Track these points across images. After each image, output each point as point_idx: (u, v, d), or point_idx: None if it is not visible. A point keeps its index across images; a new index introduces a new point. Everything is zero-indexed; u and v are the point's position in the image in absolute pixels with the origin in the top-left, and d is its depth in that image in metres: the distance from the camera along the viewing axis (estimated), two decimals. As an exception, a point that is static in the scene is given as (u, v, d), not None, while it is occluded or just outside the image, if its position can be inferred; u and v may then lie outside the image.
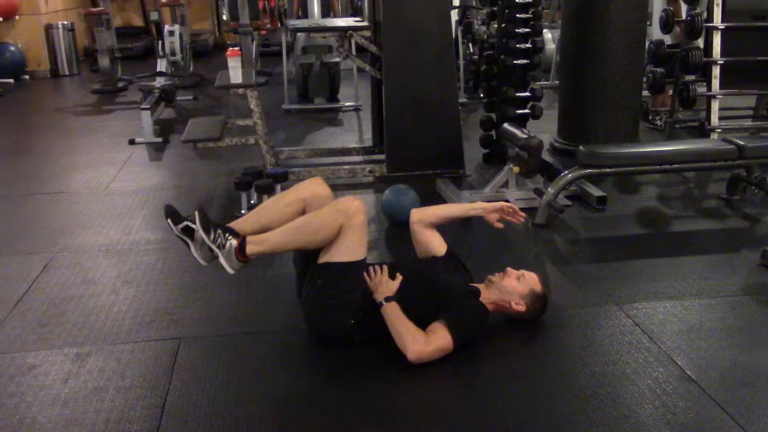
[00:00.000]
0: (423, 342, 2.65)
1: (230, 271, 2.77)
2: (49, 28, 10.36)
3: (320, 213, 2.81)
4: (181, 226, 2.80)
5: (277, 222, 2.88)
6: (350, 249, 2.77)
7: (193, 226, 2.81)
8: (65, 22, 10.61)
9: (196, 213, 2.77)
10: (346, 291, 2.78)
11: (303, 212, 2.93)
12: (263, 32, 10.48)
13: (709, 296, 3.29)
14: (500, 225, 3.22)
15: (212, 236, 2.74)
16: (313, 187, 3.00)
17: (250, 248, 2.75)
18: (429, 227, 3.21)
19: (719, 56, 5.68)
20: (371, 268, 2.85)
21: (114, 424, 2.39)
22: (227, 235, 2.76)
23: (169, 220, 2.84)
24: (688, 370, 2.66)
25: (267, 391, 2.61)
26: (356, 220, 2.75)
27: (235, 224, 2.88)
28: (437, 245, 3.16)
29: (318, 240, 2.79)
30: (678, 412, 2.41)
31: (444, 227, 4.16)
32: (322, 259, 2.80)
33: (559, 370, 2.71)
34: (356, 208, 2.76)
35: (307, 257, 2.92)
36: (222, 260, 2.75)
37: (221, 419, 2.43)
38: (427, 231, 3.20)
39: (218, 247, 2.74)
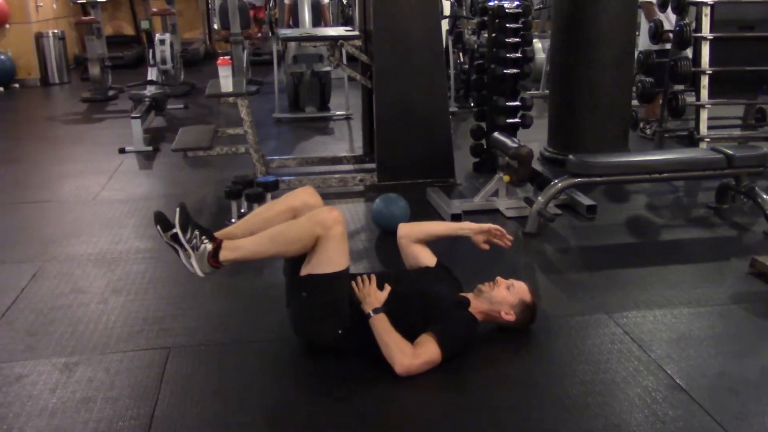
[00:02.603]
0: (411, 355, 2.64)
1: (200, 273, 2.75)
2: (39, 37, 10.35)
3: (297, 223, 2.78)
4: (170, 233, 2.79)
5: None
6: (331, 260, 2.72)
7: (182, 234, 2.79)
8: (56, 31, 10.61)
9: (177, 209, 2.73)
10: (332, 301, 2.76)
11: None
12: (253, 42, 10.49)
13: (698, 305, 3.30)
14: (486, 246, 3.23)
15: (188, 236, 2.71)
16: (303, 196, 2.99)
17: (224, 254, 2.73)
18: (416, 242, 3.22)
19: (708, 66, 5.72)
20: (359, 278, 2.84)
21: (102, 435, 2.38)
22: (203, 237, 2.73)
23: (158, 227, 2.82)
24: (677, 379, 2.67)
25: (257, 401, 2.59)
26: (335, 231, 2.69)
27: (222, 233, 2.87)
28: (425, 258, 3.17)
29: (293, 250, 2.76)
30: (668, 420, 2.42)
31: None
32: (305, 271, 2.76)
33: (549, 379, 2.71)
34: (334, 219, 2.71)
35: (295, 268, 2.91)
36: (193, 261, 2.72)
37: (210, 429, 2.42)
38: (414, 246, 3.21)
39: (192, 248, 2.71)
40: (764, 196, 4.29)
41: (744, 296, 3.40)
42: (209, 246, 2.72)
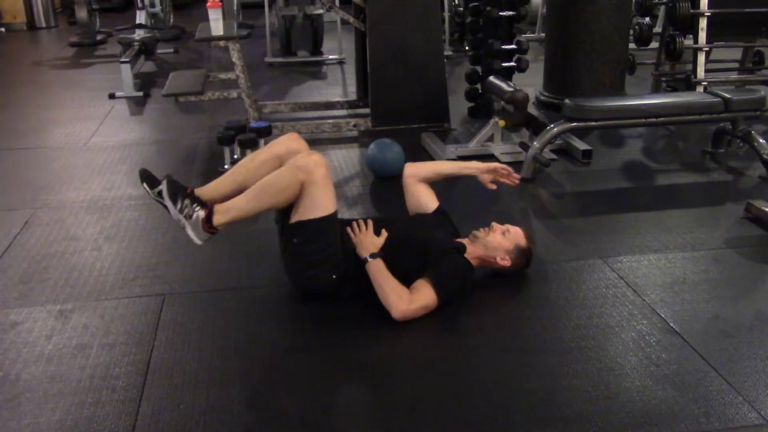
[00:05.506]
0: (408, 300, 2.65)
1: (198, 242, 2.71)
2: (24, -21, 10.11)
3: (280, 173, 2.72)
4: (157, 189, 2.76)
5: (253, 181, 2.82)
6: (317, 204, 2.69)
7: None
8: (41, -27, 10.35)
9: (164, 182, 2.70)
10: (324, 246, 2.74)
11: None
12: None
13: (692, 249, 3.31)
14: (493, 186, 3.22)
15: (179, 206, 2.67)
16: (288, 142, 2.94)
17: (217, 219, 2.68)
18: (421, 182, 3.21)
19: (706, 8, 5.62)
20: (355, 224, 2.83)
21: (99, 380, 2.38)
22: (195, 205, 2.68)
23: (145, 185, 2.79)
24: (671, 323, 2.69)
25: (252, 346, 2.60)
26: (317, 174, 2.66)
27: (209, 186, 2.84)
28: (428, 200, 3.16)
29: (283, 199, 2.72)
30: (661, 363, 2.44)
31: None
32: (294, 218, 2.74)
33: (544, 324, 2.73)
34: (315, 162, 2.67)
35: (285, 216, 2.87)
36: (189, 231, 2.68)
37: (207, 374, 2.43)
38: (419, 185, 3.20)
39: (185, 217, 2.67)
40: (760, 140, 4.26)
41: (738, 240, 3.40)
42: (201, 213, 2.67)
